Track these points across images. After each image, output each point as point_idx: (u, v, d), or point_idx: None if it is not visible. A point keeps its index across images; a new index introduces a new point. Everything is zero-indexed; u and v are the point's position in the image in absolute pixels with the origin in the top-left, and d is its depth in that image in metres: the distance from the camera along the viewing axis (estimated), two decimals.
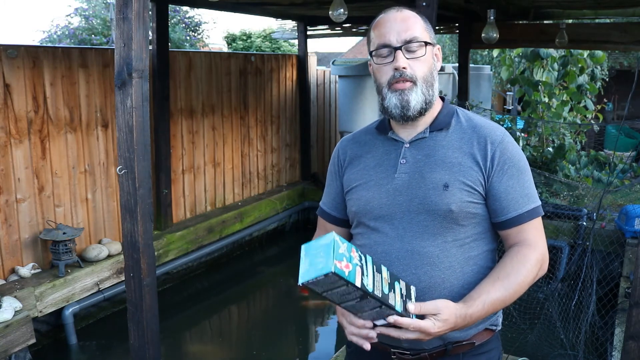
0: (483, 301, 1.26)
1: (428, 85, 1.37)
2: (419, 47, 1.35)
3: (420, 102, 1.35)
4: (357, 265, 1.12)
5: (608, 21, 6.44)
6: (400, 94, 1.35)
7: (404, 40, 1.34)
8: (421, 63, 1.35)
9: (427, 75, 1.36)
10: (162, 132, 5.02)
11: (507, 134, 1.40)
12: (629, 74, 9.38)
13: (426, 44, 1.36)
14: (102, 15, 11.55)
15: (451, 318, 1.21)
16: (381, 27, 1.37)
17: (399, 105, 1.35)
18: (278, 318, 4.87)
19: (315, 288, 1.11)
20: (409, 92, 1.34)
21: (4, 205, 3.86)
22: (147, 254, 2.26)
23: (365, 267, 1.14)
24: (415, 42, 1.34)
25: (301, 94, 7.09)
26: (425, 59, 1.36)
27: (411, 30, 1.34)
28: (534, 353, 3.67)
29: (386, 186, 1.39)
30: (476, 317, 1.26)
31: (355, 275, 1.10)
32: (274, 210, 6.42)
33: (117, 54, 2.13)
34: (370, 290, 1.12)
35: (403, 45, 1.34)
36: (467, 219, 1.35)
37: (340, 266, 1.08)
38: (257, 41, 14.49)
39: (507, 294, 1.29)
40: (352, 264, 1.11)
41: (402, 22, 1.35)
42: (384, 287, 1.16)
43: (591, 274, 3.97)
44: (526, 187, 1.37)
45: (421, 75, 1.35)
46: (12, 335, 3.36)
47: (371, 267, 1.16)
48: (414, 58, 1.35)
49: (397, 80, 1.35)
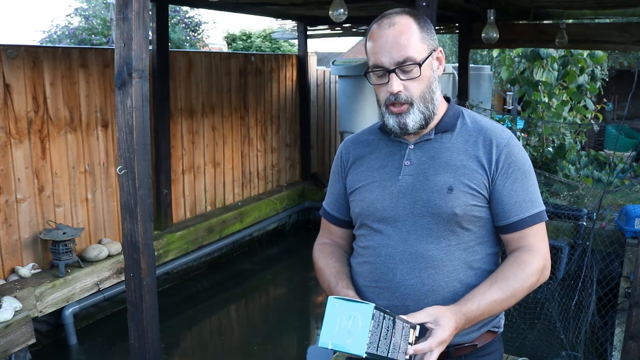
0: (478, 302, 1.26)
1: (426, 102, 1.34)
2: (413, 67, 1.30)
3: (418, 122, 1.34)
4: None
5: (608, 21, 6.43)
6: (397, 117, 1.33)
7: (397, 62, 1.29)
8: (417, 82, 1.32)
9: (424, 92, 1.33)
10: (162, 132, 5.01)
11: (513, 137, 1.39)
12: (629, 74, 9.39)
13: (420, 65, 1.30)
14: (102, 15, 11.55)
15: (450, 322, 1.20)
16: (374, 44, 1.32)
17: (398, 127, 1.34)
18: (278, 318, 4.86)
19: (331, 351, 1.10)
20: (405, 115, 1.32)
21: (4, 205, 3.86)
22: (147, 254, 2.26)
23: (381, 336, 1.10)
24: (409, 63, 1.29)
25: (301, 94, 7.09)
26: (421, 78, 1.31)
27: (404, 51, 1.29)
28: (534, 353, 3.67)
29: (390, 188, 1.38)
30: (472, 317, 1.25)
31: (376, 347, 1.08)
32: (274, 211, 6.42)
33: (117, 54, 2.13)
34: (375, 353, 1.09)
35: (396, 67, 1.29)
36: (471, 223, 1.34)
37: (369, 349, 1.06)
38: (257, 41, 14.49)
39: (504, 296, 1.28)
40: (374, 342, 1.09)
41: (395, 41, 1.29)
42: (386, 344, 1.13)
43: (591, 274, 3.97)
44: (530, 192, 1.36)
45: (418, 94, 1.32)
46: (12, 335, 3.36)
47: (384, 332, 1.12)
48: (410, 79, 1.31)
49: (392, 103, 1.33)
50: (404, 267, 1.34)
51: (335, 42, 55.67)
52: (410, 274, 1.33)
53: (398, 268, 1.34)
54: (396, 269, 1.34)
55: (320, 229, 1.62)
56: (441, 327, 1.18)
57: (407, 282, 1.33)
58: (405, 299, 1.34)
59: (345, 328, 1.06)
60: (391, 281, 1.34)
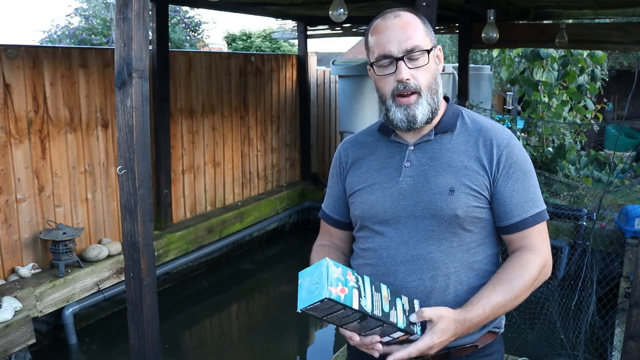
0: (483, 306, 1.26)
1: (433, 93, 1.33)
2: (421, 55, 1.30)
3: (426, 114, 1.33)
4: (354, 288, 1.13)
5: (608, 21, 6.43)
6: (406, 109, 1.32)
7: (406, 50, 1.29)
8: (424, 71, 1.32)
9: (431, 82, 1.33)
10: (162, 132, 5.01)
11: (514, 137, 1.38)
12: (629, 74, 9.39)
13: (429, 52, 1.31)
14: (102, 15, 11.55)
15: (450, 326, 1.21)
16: (380, 35, 1.32)
17: (405, 120, 1.33)
18: (278, 318, 4.86)
19: (314, 313, 1.13)
20: (414, 106, 1.31)
21: (4, 205, 3.86)
22: (147, 254, 2.26)
23: (363, 289, 1.15)
24: (417, 50, 1.30)
25: (301, 94, 7.09)
26: (428, 67, 1.32)
27: (412, 39, 1.29)
28: (534, 353, 3.67)
29: (390, 190, 1.37)
30: (477, 322, 1.26)
31: (352, 298, 1.11)
32: (274, 211, 6.42)
33: (117, 54, 2.13)
34: (368, 311, 1.12)
35: (405, 55, 1.29)
36: (473, 224, 1.34)
37: (336, 291, 1.09)
38: (257, 41, 14.49)
39: (508, 298, 1.28)
40: (349, 287, 1.12)
41: (402, 30, 1.30)
42: (384, 305, 1.16)
43: (591, 274, 3.97)
44: (531, 191, 1.35)
45: (425, 84, 1.32)
46: (12, 335, 3.36)
47: (369, 288, 1.16)
48: (417, 67, 1.31)
49: (400, 92, 1.31)
50: (405, 269, 1.34)
51: (335, 42, 55.73)
52: (412, 276, 1.33)
53: (399, 270, 1.34)
54: (397, 271, 1.34)
55: (320, 231, 1.61)
56: (433, 332, 1.20)
57: (408, 284, 1.33)
58: None
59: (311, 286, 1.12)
60: (392, 283, 1.34)
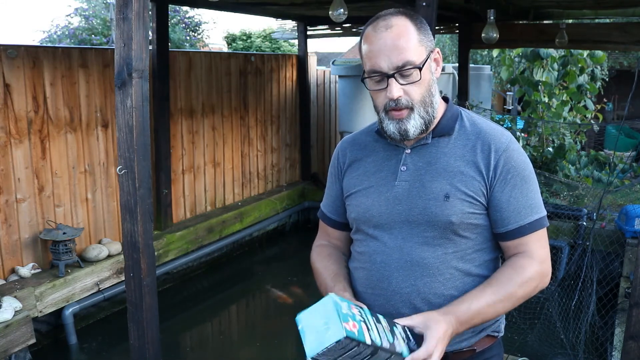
0: (468, 304, 1.23)
1: (427, 106, 1.29)
2: (413, 70, 1.25)
3: (419, 127, 1.29)
4: (362, 322, 1.08)
5: (608, 21, 6.43)
6: (398, 123, 1.29)
7: (397, 67, 1.24)
8: (417, 86, 1.27)
9: (424, 96, 1.29)
10: (162, 132, 5.01)
11: (513, 141, 1.34)
12: (629, 74, 9.38)
13: (420, 68, 1.25)
14: (102, 15, 11.56)
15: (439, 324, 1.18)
16: (371, 47, 1.26)
17: (397, 133, 1.30)
18: (278, 318, 4.86)
19: (325, 359, 1.04)
20: (406, 120, 1.28)
21: (4, 205, 3.86)
22: (147, 254, 2.26)
23: (367, 321, 1.10)
24: (409, 67, 1.24)
25: (301, 94, 7.09)
26: (421, 82, 1.27)
27: (403, 54, 1.23)
28: (534, 353, 3.67)
29: (386, 194, 1.35)
30: (464, 320, 1.23)
31: (364, 332, 1.06)
32: (274, 211, 6.42)
33: (117, 54, 2.13)
34: (379, 344, 1.08)
35: (396, 72, 1.24)
36: (468, 230, 1.31)
37: (349, 327, 1.03)
38: (257, 41, 14.49)
39: (497, 299, 1.25)
40: (357, 321, 1.07)
41: (393, 44, 1.24)
42: (388, 336, 1.13)
43: (591, 274, 3.97)
44: (530, 197, 1.31)
45: (418, 98, 1.28)
46: (12, 335, 3.36)
47: (372, 319, 1.13)
48: (409, 83, 1.26)
49: (392, 108, 1.28)
50: (399, 274, 1.32)
51: (335, 42, 55.67)
52: (406, 281, 1.31)
53: (393, 276, 1.32)
54: (391, 277, 1.32)
55: (318, 231, 1.61)
56: (431, 329, 1.17)
57: (402, 290, 1.32)
58: (400, 307, 1.32)
59: (320, 327, 1.05)
60: (386, 289, 1.33)
